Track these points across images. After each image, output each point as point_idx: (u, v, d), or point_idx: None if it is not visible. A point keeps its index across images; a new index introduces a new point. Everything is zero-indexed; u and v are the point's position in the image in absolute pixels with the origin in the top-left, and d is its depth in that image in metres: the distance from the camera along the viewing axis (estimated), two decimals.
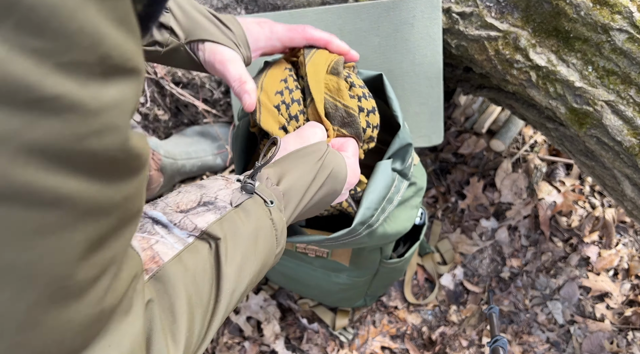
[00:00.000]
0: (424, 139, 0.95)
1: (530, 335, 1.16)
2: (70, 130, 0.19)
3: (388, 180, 0.64)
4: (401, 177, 0.68)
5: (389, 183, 0.64)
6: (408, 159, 0.67)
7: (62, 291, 0.22)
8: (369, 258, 0.88)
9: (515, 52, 0.79)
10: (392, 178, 0.65)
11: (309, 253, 0.89)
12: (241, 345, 1.15)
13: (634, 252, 1.25)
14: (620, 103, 0.73)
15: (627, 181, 0.82)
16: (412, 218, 0.77)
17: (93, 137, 0.20)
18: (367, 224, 0.64)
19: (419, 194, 0.79)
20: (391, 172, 0.65)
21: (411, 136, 0.70)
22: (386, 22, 0.85)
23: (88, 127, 0.19)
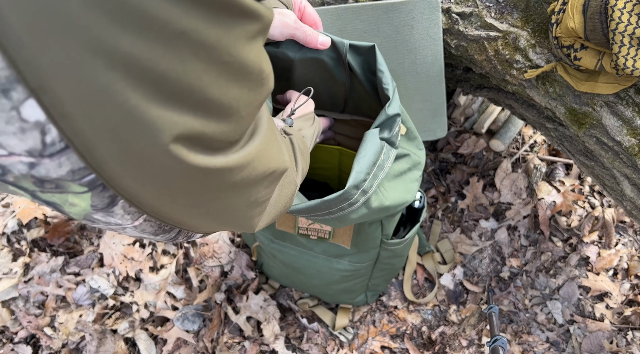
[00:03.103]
0: (429, 133, 0.96)
1: (529, 335, 1.16)
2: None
3: (377, 147, 0.67)
4: (389, 145, 0.70)
5: (378, 150, 0.67)
6: (395, 128, 0.69)
7: (261, 82, 0.31)
8: (370, 236, 0.88)
9: (514, 52, 0.79)
10: (380, 145, 0.67)
11: (311, 235, 0.89)
12: (241, 345, 1.15)
13: (633, 252, 1.25)
14: (620, 104, 0.73)
15: (627, 181, 0.82)
16: (411, 191, 0.78)
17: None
18: (361, 189, 0.66)
19: (418, 168, 0.80)
20: (379, 140, 0.67)
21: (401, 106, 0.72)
22: (386, 23, 0.85)
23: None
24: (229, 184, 0.33)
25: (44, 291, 1.20)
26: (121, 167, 0.27)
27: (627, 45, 0.60)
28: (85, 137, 0.25)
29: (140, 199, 0.30)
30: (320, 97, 0.81)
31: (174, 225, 0.36)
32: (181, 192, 0.31)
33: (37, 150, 0.25)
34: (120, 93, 0.23)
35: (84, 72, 0.22)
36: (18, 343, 1.15)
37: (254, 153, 0.35)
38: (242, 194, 0.37)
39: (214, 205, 0.35)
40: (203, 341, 1.15)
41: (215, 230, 0.41)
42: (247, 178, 0.35)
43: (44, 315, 1.19)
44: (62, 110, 0.23)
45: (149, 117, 0.25)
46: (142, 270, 1.24)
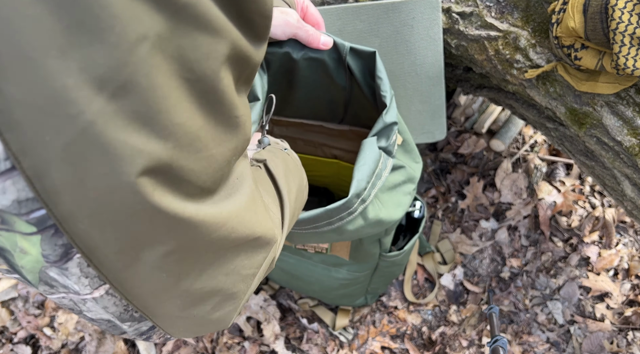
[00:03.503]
0: (428, 135, 0.96)
1: (530, 335, 1.16)
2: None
3: (375, 155, 0.67)
4: (386, 154, 0.70)
5: (377, 158, 0.67)
6: (392, 137, 0.69)
7: (235, 120, 0.29)
8: (368, 251, 0.88)
9: (515, 52, 0.79)
10: (378, 153, 0.67)
11: (308, 249, 0.89)
12: (241, 345, 1.15)
13: (634, 252, 1.25)
14: (620, 104, 0.73)
15: (627, 181, 0.82)
16: (402, 205, 0.78)
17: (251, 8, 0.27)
18: (361, 198, 0.66)
19: (412, 181, 0.80)
20: (377, 148, 0.67)
21: (399, 116, 0.72)
22: (386, 23, 0.85)
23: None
24: (202, 242, 0.29)
25: None
26: (76, 201, 0.23)
27: (628, 45, 0.59)
28: (35, 156, 0.21)
29: (99, 254, 0.25)
30: (320, 105, 0.81)
31: (142, 311, 0.30)
32: (147, 245, 0.26)
33: None
34: (76, 103, 0.20)
35: (38, 70, 0.20)
36: (17, 343, 1.15)
37: (233, 211, 0.31)
38: (218, 257, 0.32)
39: (186, 269, 0.30)
40: (203, 342, 1.15)
41: (187, 328, 0.35)
42: (225, 239, 0.30)
43: (44, 315, 1.18)
44: (9, 118, 0.20)
45: (110, 139, 0.22)
46: None
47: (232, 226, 0.31)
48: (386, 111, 0.67)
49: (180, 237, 0.27)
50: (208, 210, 0.28)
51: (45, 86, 0.20)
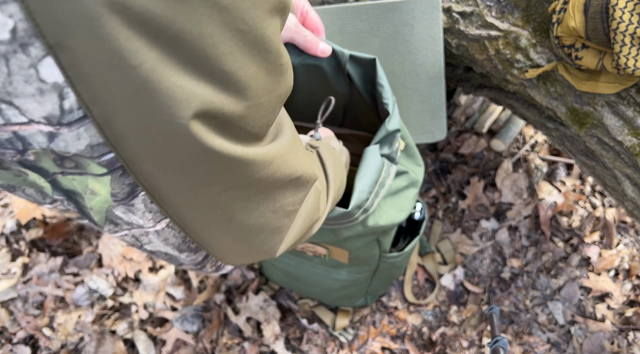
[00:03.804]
0: (428, 135, 0.95)
1: (530, 335, 1.16)
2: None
3: (378, 164, 0.66)
4: (389, 161, 0.70)
5: (380, 167, 0.66)
6: (395, 144, 0.68)
7: (280, 68, 0.31)
8: (367, 253, 0.87)
9: (515, 52, 0.79)
10: (381, 162, 0.67)
11: (307, 252, 0.89)
12: (241, 346, 1.15)
13: (634, 252, 1.25)
14: (621, 103, 0.72)
15: (628, 181, 0.82)
16: (405, 209, 0.77)
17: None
18: (363, 208, 0.66)
19: (415, 186, 0.79)
20: (380, 157, 0.67)
21: (400, 122, 0.71)
22: (386, 23, 0.85)
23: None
24: (252, 180, 0.32)
25: (43, 292, 1.20)
26: (140, 144, 0.26)
27: (629, 45, 0.59)
28: (104, 105, 0.24)
29: (161, 192, 0.29)
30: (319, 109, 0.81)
31: (199, 242, 0.34)
32: (203, 184, 0.30)
33: (55, 117, 0.24)
34: (137, 54, 0.23)
35: (101, 28, 0.21)
36: (17, 344, 1.15)
37: (277, 151, 0.34)
38: (266, 196, 0.35)
39: (239, 207, 0.34)
40: (202, 342, 1.15)
41: (239, 256, 0.39)
42: (272, 177, 0.34)
43: (43, 316, 1.18)
44: (80, 72, 0.22)
45: (167, 84, 0.24)
46: (141, 270, 1.24)
47: (277, 165, 0.34)
48: (389, 119, 0.66)
49: (233, 176, 0.31)
50: (257, 151, 0.31)
51: (108, 41, 0.22)
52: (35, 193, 0.30)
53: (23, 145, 0.25)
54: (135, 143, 0.26)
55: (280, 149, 0.34)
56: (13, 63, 0.21)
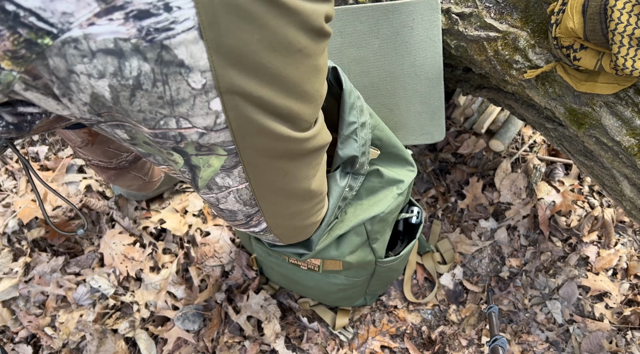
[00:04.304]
0: (427, 136, 0.96)
1: (529, 334, 1.16)
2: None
3: (339, 189, 0.71)
4: (355, 175, 0.73)
5: (341, 191, 0.71)
6: (357, 162, 0.69)
7: (323, 77, 0.48)
8: (362, 261, 0.88)
9: (514, 53, 0.79)
10: (342, 186, 0.71)
11: (301, 265, 0.89)
12: (241, 344, 1.15)
13: (633, 252, 1.26)
14: (619, 104, 0.73)
15: (626, 181, 0.82)
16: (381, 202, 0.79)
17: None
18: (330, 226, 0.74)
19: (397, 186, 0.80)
20: (341, 180, 0.71)
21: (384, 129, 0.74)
22: (386, 24, 0.85)
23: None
24: (307, 150, 0.50)
25: (45, 291, 1.20)
26: (251, 141, 0.44)
27: (627, 46, 0.60)
28: (239, 123, 0.42)
29: (251, 166, 0.47)
30: None
31: (260, 199, 0.53)
32: (277, 156, 0.48)
33: (210, 127, 0.41)
34: (259, 91, 0.41)
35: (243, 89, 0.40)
36: (18, 343, 1.16)
37: (319, 129, 0.52)
38: (312, 162, 0.54)
39: (296, 171, 0.52)
40: (203, 341, 1.15)
41: (281, 218, 0.60)
42: (315, 147, 0.51)
43: (45, 315, 1.19)
44: (232, 105, 0.40)
45: (274, 109, 0.43)
46: (142, 269, 1.24)
47: (317, 140, 0.51)
48: (341, 146, 0.66)
49: (294, 147, 0.48)
50: (311, 131, 0.50)
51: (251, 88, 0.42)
52: (161, 160, 0.49)
53: (181, 138, 0.42)
54: (247, 142, 0.44)
55: (320, 127, 0.52)
56: (197, 100, 0.38)
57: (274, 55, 0.38)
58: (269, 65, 0.39)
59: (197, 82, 0.37)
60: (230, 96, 0.39)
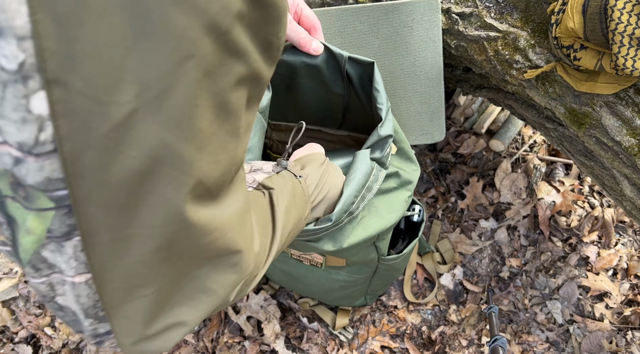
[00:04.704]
0: (427, 136, 0.96)
1: (529, 335, 1.16)
2: (266, 19, 0.31)
3: (367, 169, 0.67)
4: (379, 165, 0.70)
5: (368, 171, 0.67)
6: (386, 149, 0.68)
7: (238, 130, 0.33)
8: (365, 257, 0.88)
9: (514, 53, 0.79)
10: (370, 166, 0.67)
11: (304, 261, 0.89)
12: (241, 344, 1.15)
13: (633, 252, 1.26)
14: (619, 104, 0.73)
15: (626, 181, 0.82)
16: (398, 210, 0.78)
17: (273, 31, 0.32)
18: (348, 211, 0.66)
19: (407, 188, 0.80)
20: (370, 161, 0.67)
21: (394, 127, 0.72)
22: (386, 24, 0.85)
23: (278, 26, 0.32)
24: (190, 245, 0.32)
25: None
26: (97, 185, 0.27)
27: (627, 46, 0.60)
28: (76, 142, 0.25)
29: (96, 239, 0.29)
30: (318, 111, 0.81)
31: (109, 310, 0.33)
32: (142, 237, 0.30)
33: (28, 145, 0.25)
34: (123, 95, 0.25)
35: (103, 65, 0.24)
36: (18, 343, 1.16)
37: (223, 222, 0.34)
38: (197, 267, 0.35)
39: (165, 272, 0.33)
40: (203, 341, 1.15)
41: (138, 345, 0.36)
42: (209, 246, 0.34)
43: (45, 315, 1.19)
44: (66, 108, 0.24)
45: (144, 132, 0.27)
46: None
47: (216, 236, 0.34)
48: (381, 124, 0.67)
49: (173, 234, 0.31)
50: (203, 214, 0.32)
51: (106, 77, 0.24)
52: None
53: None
54: (92, 183, 0.26)
55: (225, 220, 0.34)
56: (9, 91, 0.23)
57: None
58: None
59: (10, 58, 0.22)
60: (63, 90, 0.23)
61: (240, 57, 0.30)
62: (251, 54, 0.30)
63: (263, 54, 0.32)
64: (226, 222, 0.34)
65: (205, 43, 0.26)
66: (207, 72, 0.27)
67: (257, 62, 0.31)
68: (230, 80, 0.30)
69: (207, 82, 0.28)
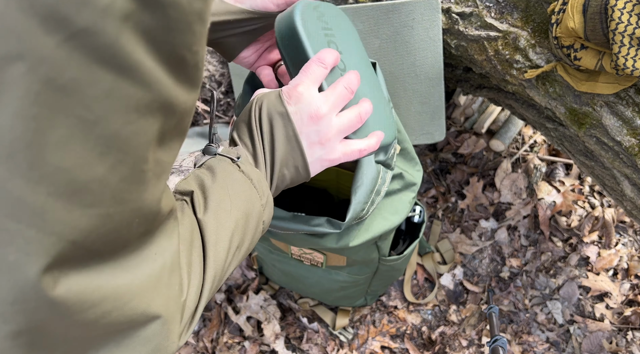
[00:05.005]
0: (427, 136, 0.96)
1: (529, 335, 1.16)
2: (168, 26, 0.23)
3: (374, 173, 0.65)
4: (385, 167, 0.69)
5: (375, 176, 0.66)
6: (390, 150, 0.68)
7: (141, 175, 0.25)
8: (366, 257, 0.88)
9: (514, 52, 0.79)
10: (377, 170, 0.66)
11: (304, 261, 0.89)
12: (241, 345, 1.15)
13: (633, 252, 1.25)
14: (620, 104, 0.73)
15: (627, 181, 0.82)
16: (399, 212, 0.77)
17: (183, 42, 0.24)
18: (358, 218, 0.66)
19: (411, 189, 0.79)
20: (375, 165, 0.66)
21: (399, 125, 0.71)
22: (386, 24, 0.85)
23: (184, 29, 0.24)
24: (65, 324, 0.24)
25: None
26: None
27: (627, 46, 0.60)
28: None
29: None
30: None
31: None
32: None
33: None
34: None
35: None
36: None
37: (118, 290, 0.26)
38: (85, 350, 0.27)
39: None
40: (203, 341, 1.15)
41: None
42: (96, 323, 0.26)
43: None
44: None
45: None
46: None
47: (108, 309, 0.26)
48: None
49: (34, 313, 0.22)
50: (82, 283, 0.24)
51: None
52: None
53: None
54: None
55: (125, 284, 0.27)
56: None
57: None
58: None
59: None
60: None
61: (132, 74, 0.22)
62: (151, 72, 0.23)
63: (172, 73, 0.24)
64: (128, 288, 0.27)
65: (46, 42, 0.19)
66: (58, 87, 0.20)
67: (164, 83, 0.24)
68: (116, 106, 0.22)
69: (63, 100, 0.20)
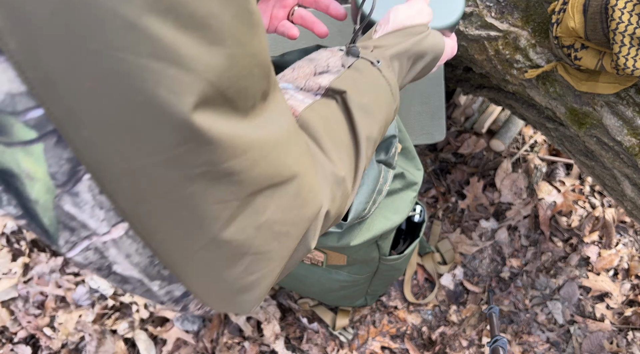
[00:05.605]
0: (427, 136, 0.96)
1: (530, 335, 1.16)
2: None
3: (375, 173, 0.66)
4: (386, 166, 0.70)
5: (377, 176, 0.66)
6: (392, 149, 0.68)
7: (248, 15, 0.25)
8: (366, 256, 0.88)
9: (515, 52, 0.79)
10: (378, 170, 0.66)
11: (305, 260, 0.89)
12: (241, 345, 1.15)
13: (634, 252, 1.25)
14: (620, 104, 0.73)
15: (627, 181, 0.82)
16: (400, 211, 0.77)
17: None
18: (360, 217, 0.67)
19: (412, 188, 0.79)
20: (376, 164, 0.66)
21: (397, 126, 0.71)
22: None
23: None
24: (221, 170, 0.24)
25: (44, 292, 1.20)
26: (72, 93, 0.19)
27: (628, 45, 0.59)
28: (22, 33, 0.17)
29: (108, 174, 0.21)
30: None
31: (169, 264, 0.26)
32: (160, 164, 0.22)
33: None
34: None
35: None
36: (18, 343, 1.15)
37: (258, 138, 0.26)
38: (245, 202, 0.27)
39: (210, 211, 0.25)
40: (203, 342, 1.15)
41: (222, 298, 0.30)
42: (246, 173, 0.26)
43: (44, 315, 1.18)
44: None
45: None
46: None
47: (254, 159, 0.26)
48: None
49: (193, 153, 0.23)
50: (226, 128, 0.24)
51: None
52: None
53: None
54: (70, 93, 0.19)
55: (262, 137, 0.27)
56: None
57: None
58: None
59: None
60: None
61: None
62: None
63: None
64: (265, 141, 0.27)
65: None
66: None
67: None
68: None
69: None
